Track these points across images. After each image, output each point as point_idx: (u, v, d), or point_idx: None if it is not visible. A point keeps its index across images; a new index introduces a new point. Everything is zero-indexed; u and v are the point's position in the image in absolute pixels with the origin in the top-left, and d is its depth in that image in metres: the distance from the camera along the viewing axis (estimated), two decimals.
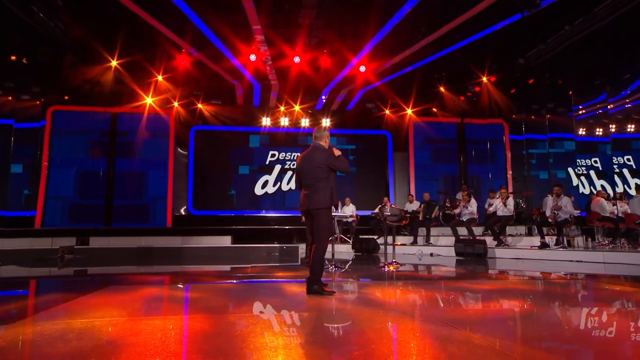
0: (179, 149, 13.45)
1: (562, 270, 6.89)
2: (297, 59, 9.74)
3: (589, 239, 9.17)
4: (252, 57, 9.57)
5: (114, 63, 10.43)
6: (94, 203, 12.62)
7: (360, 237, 10.51)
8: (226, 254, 10.19)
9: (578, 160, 13.14)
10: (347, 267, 7.14)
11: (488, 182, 13.98)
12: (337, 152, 4.25)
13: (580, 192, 13.36)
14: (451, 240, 10.64)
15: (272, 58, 9.79)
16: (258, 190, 14.02)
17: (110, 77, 11.08)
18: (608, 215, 9.56)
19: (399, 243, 10.37)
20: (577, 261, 7.85)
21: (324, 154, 4.22)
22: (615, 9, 7.93)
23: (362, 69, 10.38)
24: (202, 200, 13.57)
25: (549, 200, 8.74)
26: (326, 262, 7.47)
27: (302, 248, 10.60)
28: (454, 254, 9.19)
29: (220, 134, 13.77)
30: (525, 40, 9.62)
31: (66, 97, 12.48)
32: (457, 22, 8.82)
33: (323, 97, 13.30)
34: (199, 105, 13.09)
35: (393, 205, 10.17)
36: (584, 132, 12.69)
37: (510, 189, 12.76)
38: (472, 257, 8.63)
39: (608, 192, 11.92)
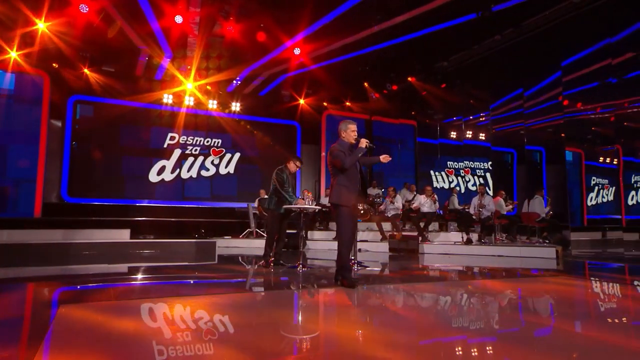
0: (52, 121, 10.80)
1: (504, 264, 7.28)
2: (230, 28, 8.53)
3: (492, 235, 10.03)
4: (179, 19, 8.03)
5: None
6: None
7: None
8: (126, 252, 8.41)
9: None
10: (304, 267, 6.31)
11: (392, 179, 14.52)
12: (363, 144, 4.13)
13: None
14: (373, 235, 10.65)
15: (200, 22, 8.37)
16: (153, 177, 12.17)
17: None
18: (504, 213, 10.66)
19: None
20: (499, 256, 8.46)
21: (330, 150, 4.22)
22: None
23: (297, 51, 9.66)
24: (81, 185, 11.18)
25: (474, 199, 9.30)
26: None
27: (219, 244, 9.42)
28: (384, 250, 9.15)
29: (109, 108, 11.51)
30: (452, 45, 10.10)
31: None
32: (396, 21, 8.78)
33: (237, 81, 12.13)
34: (86, 71, 10.68)
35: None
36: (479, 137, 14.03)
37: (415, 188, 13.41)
38: (406, 252, 8.68)
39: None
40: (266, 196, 10.69)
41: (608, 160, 15.46)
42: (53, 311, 3.24)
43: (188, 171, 12.60)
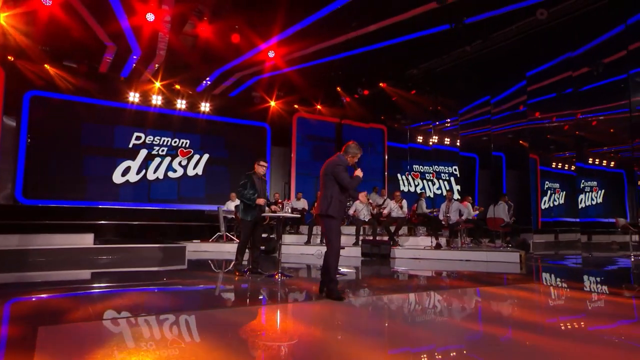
0: (6, 117, 10.14)
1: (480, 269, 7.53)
2: (204, 28, 8.31)
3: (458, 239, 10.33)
4: (150, 17, 7.72)
5: None
6: None
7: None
8: (90, 258, 8.01)
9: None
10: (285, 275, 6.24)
11: (362, 182, 14.67)
12: (357, 173, 4.30)
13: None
14: (345, 239, 10.70)
15: (172, 21, 8.10)
16: (117, 178, 11.69)
17: None
18: (471, 218, 11.03)
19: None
20: (467, 260, 8.74)
21: (334, 163, 4.27)
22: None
23: (272, 54, 9.55)
24: (38, 186, 10.57)
25: (443, 205, 9.56)
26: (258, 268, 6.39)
27: (189, 248, 9.15)
28: (357, 254, 9.22)
29: (70, 105, 10.94)
30: (423, 54, 10.33)
31: None
32: (371, 29, 8.88)
33: (207, 81, 11.86)
34: (46, 66, 10.09)
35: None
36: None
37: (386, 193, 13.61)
38: (378, 257, 8.79)
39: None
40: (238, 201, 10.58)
41: (560, 165, 16.38)
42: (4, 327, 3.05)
43: (154, 172, 12.20)
